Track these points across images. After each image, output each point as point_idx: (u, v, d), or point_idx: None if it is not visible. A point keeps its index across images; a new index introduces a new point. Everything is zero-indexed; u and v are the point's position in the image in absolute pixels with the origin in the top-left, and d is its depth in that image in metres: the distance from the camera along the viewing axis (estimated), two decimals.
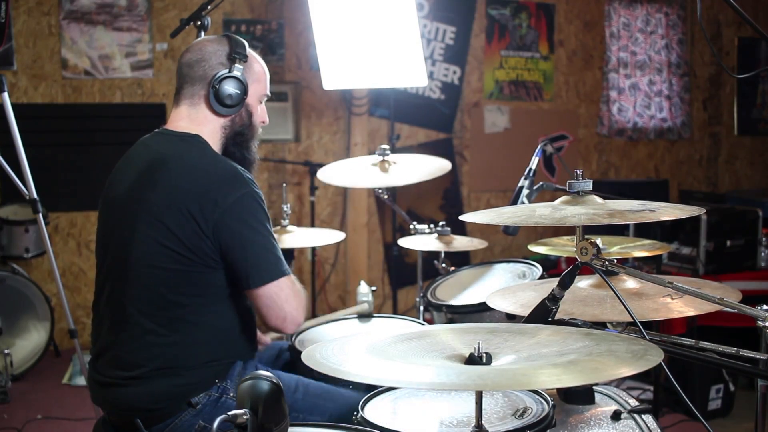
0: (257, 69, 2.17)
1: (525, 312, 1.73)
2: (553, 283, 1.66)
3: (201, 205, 1.95)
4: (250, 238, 1.97)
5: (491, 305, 1.93)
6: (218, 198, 1.95)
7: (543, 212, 1.64)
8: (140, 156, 2.10)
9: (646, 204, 1.66)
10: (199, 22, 2.80)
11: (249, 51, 2.16)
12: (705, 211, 1.80)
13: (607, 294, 1.84)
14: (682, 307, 1.77)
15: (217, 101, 2.09)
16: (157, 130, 2.16)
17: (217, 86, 2.08)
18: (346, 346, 1.41)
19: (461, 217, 1.73)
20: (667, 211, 1.61)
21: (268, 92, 2.24)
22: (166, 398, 1.97)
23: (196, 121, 2.11)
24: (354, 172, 3.21)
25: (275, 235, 2.07)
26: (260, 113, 2.21)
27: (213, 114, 2.11)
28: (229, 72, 2.09)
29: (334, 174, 3.19)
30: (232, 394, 2.01)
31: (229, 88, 2.09)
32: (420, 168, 3.17)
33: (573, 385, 1.39)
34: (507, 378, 1.24)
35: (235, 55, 2.10)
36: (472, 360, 1.34)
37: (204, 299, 1.99)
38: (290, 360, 2.37)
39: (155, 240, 1.96)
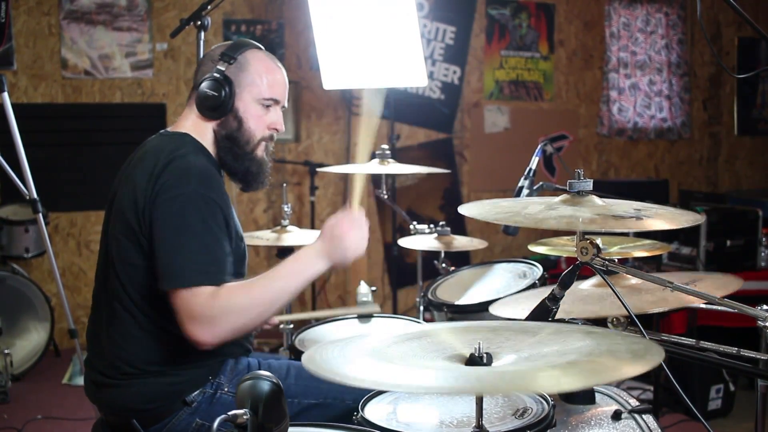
0: (255, 72, 2.09)
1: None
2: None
3: (146, 199, 1.91)
4: (164, 238, 1.87)
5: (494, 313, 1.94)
6: (159, 192, 1.90)
7: (532, 210, 1.64)
8: (133, 157, 2.10)
9: (641, 209, 1.64)
10: (199, 22, 2.80)
11: (250, 53, 2.10)
12: (702, 217, 1.78)
13: (606, 292, 1.85)
14: (681, 296, 1.76)
15: (199, 103, 2.07)
16: (160, 131, 2.16)
17: (198, 88, 2.06)
18: (347, 348, 1.41)
19: (460, 208, 1.73)
20: (659, 219, 1.59)
21: (278, 97, 2.12)
22: (160, 397, 1.97)
23: (195, 124, 2.10)
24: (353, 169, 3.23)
25: (220, 241, 1.90)
26: (269, 119, 2.12)
27: (201, 118, 2.09)
28: (210, 74, 2.06)
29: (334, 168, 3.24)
30: (227, 389, 2.00)
31: (208, 89, 2.05)
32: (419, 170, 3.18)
33: (572, 389, 1.38)
34: (506, 381, 1.24)
35: (221, 57, 2.07)
36: (473, 361, 1.34)
37: None
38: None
39: (124, 236, 1.95)
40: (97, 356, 2.05)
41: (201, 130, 2.09)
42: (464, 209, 1.71)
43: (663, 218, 1.60)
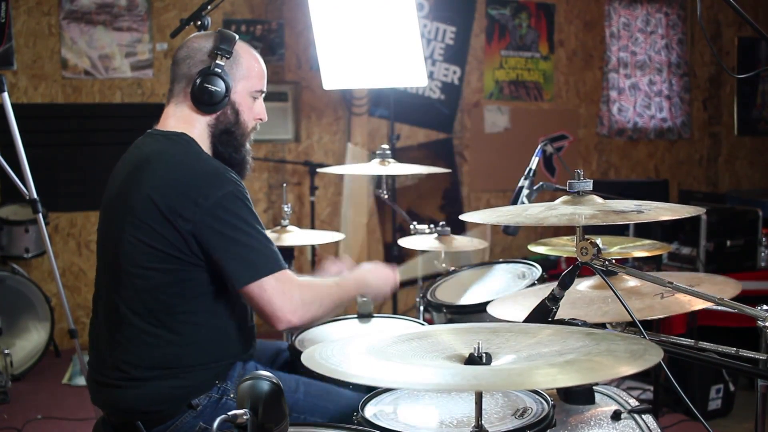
0: (246, 65, 2.11)
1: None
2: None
3: (181, 205, 1.92)
4: (232, 237, 1.93)
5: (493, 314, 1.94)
6: (198, 198, 1.92)
7: (533, 212, 1.64)
8: (130, 157, 2.09)
9: (642, 204, 1.65)
10: (199, 22, 2.79)
11: (239, 46, 2.11)
12: (705, 211, 1.80)
13: (595, 295, 1.85)
14: (669, 305, 1.76)
15: (198, 99, 2.06)
16: (148, 130, 2.15)
17: (197, 83, 2.05)
18: (346, 347, 1.41)
19: (461, 217, 1.73)
20: (660, 210, 1.60)
21: (264, 88, 2.17)
22: (166, 400, 1.97)
23: (183, 119, 2.09)
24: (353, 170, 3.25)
25: (266, 232, 2.02)
26: (256, 110, 2.16)
27: (196, 112, 2.09)
28: (209, 69, 2.05)
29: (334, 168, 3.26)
30: (232, 395, 2.00)
31: (209, 85, 2.05)
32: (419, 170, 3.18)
33: (569, 386, 1.38)
34: (502, 378, 1.24)
35: (217, 51, 2.06)
36: (472, 360, 1.34)
37: (198, 299, 1.98)
38: (289, 360, 2.37)
39: (141, 241, 1.95)
40: (100, 359, 2.05)
41: (192, 126, 2.09)
42: (466, 217, 1.72)
43: (664, 210, 1.61)
